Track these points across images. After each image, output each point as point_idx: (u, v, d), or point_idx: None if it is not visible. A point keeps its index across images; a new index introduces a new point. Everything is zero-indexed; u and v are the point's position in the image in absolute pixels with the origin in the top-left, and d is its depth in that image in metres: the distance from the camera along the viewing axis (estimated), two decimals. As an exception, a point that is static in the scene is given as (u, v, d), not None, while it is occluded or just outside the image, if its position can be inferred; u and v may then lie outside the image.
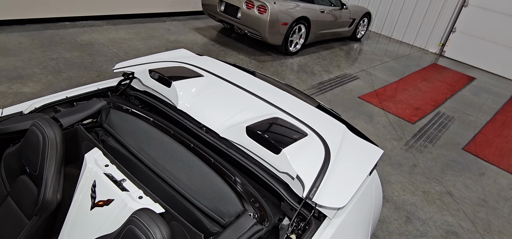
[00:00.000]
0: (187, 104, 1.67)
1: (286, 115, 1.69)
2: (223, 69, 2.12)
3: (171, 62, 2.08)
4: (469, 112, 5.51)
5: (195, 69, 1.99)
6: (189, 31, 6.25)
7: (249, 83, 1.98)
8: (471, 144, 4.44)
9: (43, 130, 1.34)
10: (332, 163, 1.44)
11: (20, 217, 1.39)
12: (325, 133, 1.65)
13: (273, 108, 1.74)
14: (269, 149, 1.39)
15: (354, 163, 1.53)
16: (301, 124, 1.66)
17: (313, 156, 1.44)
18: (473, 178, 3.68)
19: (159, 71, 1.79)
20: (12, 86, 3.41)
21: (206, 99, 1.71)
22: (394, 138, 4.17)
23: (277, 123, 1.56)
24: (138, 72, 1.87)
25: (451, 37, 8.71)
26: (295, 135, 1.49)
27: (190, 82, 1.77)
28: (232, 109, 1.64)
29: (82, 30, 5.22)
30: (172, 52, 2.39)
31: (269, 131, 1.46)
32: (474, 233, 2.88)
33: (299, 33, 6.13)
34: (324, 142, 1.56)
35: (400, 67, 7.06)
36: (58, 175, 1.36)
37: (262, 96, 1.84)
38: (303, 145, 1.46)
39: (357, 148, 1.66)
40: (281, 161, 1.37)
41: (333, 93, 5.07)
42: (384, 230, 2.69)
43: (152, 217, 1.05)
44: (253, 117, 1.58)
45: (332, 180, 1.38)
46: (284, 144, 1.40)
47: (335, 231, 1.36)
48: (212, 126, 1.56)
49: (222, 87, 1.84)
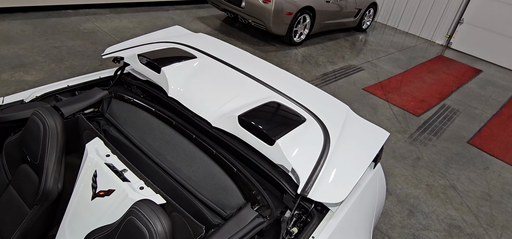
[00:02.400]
0: (179, 91, 1.55)
1: (284, 99, 1.58)
2: (218, 48, 1.98)
3: (163, 43, 1.95)
4: (475, 105, 5.44)
5: (189, 50, 1.87)
6: (192, 20, 6.20)
7: (246, 64, 1.85)
8: (476, 137, 4.40)
9: (44, 118, 1.33)
10: (331, 151, 1.36)
11: (21, 206, 1.39)
12: (326, 116, 1.55)
13: (270, 91, 1.62)
14: (263, 140, 1.30)
15: (356, 149, 1.44)
16: (299, 107, 1.55)
17: (310, 145, 1.35)
18: (478, 172, 3.65)
19: (148, 56, 1.67)
20: (14, 75, 3.41)
21: (198, 84, 1.59)
22: (398, 130, 4.13)
23: (273, 108, 1.46)
24: (128, 57, 1.75)
25: (458, 28, 8.58)
26: (292, 121, 1.40)
27: (182, 66, 1.66)
28: (226, 95, 1.53)
29: (85, 18, 5.19)
30: (166, 30, 2.27)
31: (264, 118, 1.37)
32: (477, 227, 2.86)
33: (304, 23, 6.06)
34: (324, 127, 1.47)
35: (405, 59, 6.97)
36: (59, 164, 1.35)
37: (259, 78, 1.71)
38: (300, 132, 1.37)
39: (361, 131, 1.57)
40: (275, 153, 1.29)
41: (337, 84, 5.03)
42: (386, 223, 2.68)
43: (152, 208, 1.04)
44: (247, 103, 1.48)
45: (330, 172, 1.30)
46: (279, 133, 1.30)
47: (338, 224, 1.35)
48: (204, 115, 1.46)
49: (216, 69, 1.71)
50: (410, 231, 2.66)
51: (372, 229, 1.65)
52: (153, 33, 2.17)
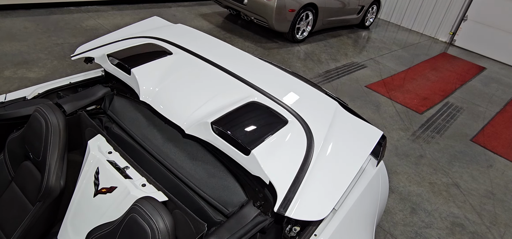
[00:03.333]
0: (150, 95, 1.40)
1: (265, 98, 1.44)
2: (197, 41, 1.82)
3: (139, 38, 1.81)
4: (478, 103, 5.41)
5: (165, 45, 1.73)
6: (194, 17, 6.19)
7: (226, 58, 1.70)
8: (479, 135, 4.37)
9: (46, 115, 1.33)
10: (315, 158, 1.22)
11: (24, 202, 1.39)
12: (310, 115, 1.41)
13: (251, 89, 1.48)
14: (238, 149, 1.16)
15: (344, 152, 1.31)
16: (282, 107, 1.41)
17: (291, 152, 1.21)
18: (481, 170, 3.63)
19: (118, 56, 1.54)
20: (17, 71, 3.41)
21: (173, 84, 1.44)
22: (401, 128, 4.12)
23: (252, 110, 1.32)
24: (98, 57, 1.61)
25: (462, 25, 8.51)
26: (272, 124, 1.27)
27: (155, 64, 1.52)
28: (202, 96, 1.39)
29: (87, 15, 5.19)
30: (144, 23, 2.12)
31: (241, 123, 1.23)
32: (480, 225, 2.85)
33: (307, 20, 6.03)
34: (308, 129, 1.33)
35: (408, 56, 6.94)
36: (61, 161, 1.35)
37: (238, 75, 1.57)
38: (281, 137, 1.24)
39: (350, 131, 1.43)
40: (251, 163, 1.15)
41: (340, 82, 5.01)
42: (389, 221, 2.67)
43: (154, 205, 1.04)
44: (225, 105, 1.34)
45: (313, 183, 1.16)
46: (255, 140, 1.17)
47: (341, 221, 1.34)
48: (177, 120, 1.31)
49: (193, 66, 1.57)
50: (413, 229, 2.65)
51: (374, 226, 1.65)
52: (130, 26, 2.03)
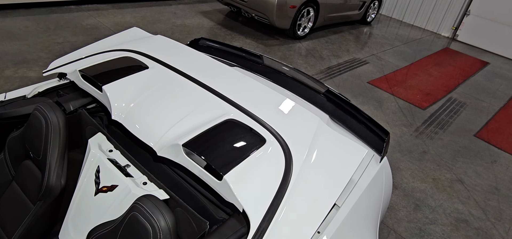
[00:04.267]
0: (123, 112, 1.33)
1: (243, 115, 1.35)
2: (176, 54, 1.73)
3: (115, 51, 1.73)
4: (482, 98, 5.37)
5: (142, 58, 1.64)
6: (195, 15, 6.17)
7: (205, 73, 1.60)
8: (483, 131, 4.34)
9: (46, 114, 1.31)
10: (293, 183, 1.14)
11: (25, 202, 1.38)
12: (291, 134, 1.32)
13: (228, 106, 1.39)
14: (210, 173, 1.09)
15: (325, 175, 1.23)
16: (260, 125, 1.32)
17: (268, 176, 1.12)
18: (485, 165, 3.60)
19: (90, 71, 1.46)
20: (18, 71, 3.41)
21: (146, 102, 1.36)
22: (404, 124, 4.09)
23: (228, 130, 1.24)
24: (70, 73, 1.52)
25: (464, 20, 8.45)
26: (249, 145, 1.18)
27: (129, 80, 1.43)
28: (177, 114, 1.31)
29: (87, 14, 5.18)
30: (122, 34, 2.03)
31: (214, 144, 1.15)
32: (485, 221, 2.83)
33: (308, 17, 6.00)
34: (287, 149, 1.25)
35: (411, 51, 6.89)
36: (62, 160, 1.34)
37: (217, 90, 1.48)
38: (257, 159, 1.15)
39: (333, 150, 1.34)
40: (224, 189, 1.07)
41: (342, 78, 4.98)
42: (392, 218, 2.65)
43: (155, 203, 1.02)
44: (200, 124, 1.27)
45: (289, 210, 1.08)
46: (229, 164, 1.08)
47: (345, 218, 1.32)
48: (149, 141, 1.23)
49: (170, 81, 1.49)
50: (417, 225, 2.63)
51: (378, 223, 1.63)
52: (108, 38, 1.96)
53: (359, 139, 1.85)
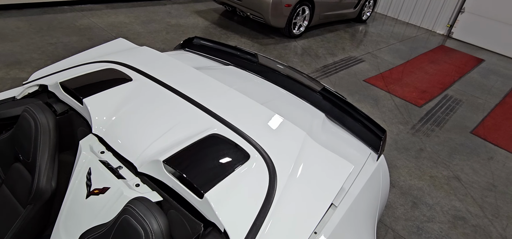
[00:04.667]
0: (104, 125, 1.29)
1: (227, 130, 1.31)
2: (161, 66, 1.67)
3: (99, 63, 1.67)
4: (478, 95, 5.38)
5: (125, 70, 1.58)
6: (190, 14, 6.13)
7: (190, 85, 1.55)
8: (479, 127, 4.35)
9: (35, 115, 1.28)
10: (276, 200, 1.10)
11: (15, 205, 1.35)
12: (276, 149, 1.28)
13: (213, 120, 1.34)
14: (191, 190, 1.04)
15: (310, 192, 1.19)
16: (244, 140, 1.28)
17: (251, 194, 1.08)
18: (482, 162, 3.60)
19: (71, 84, 1.40)
20: (10, 72, 3.35)
21: (128, 116, 1.32)
22: (400, 121, 4.08)
23: (211, 145, 1.19)
24: (51, 85, 1.47)
25: (459, 18, 8.48)
26: (232, 161, 1.14)
27: (111, 93, 1.39)
28: (159, 129, 1.27)
29: (80, 14, 5.12)
30: (107, 45, 1.98)
31: (197, 160, 1.11)
32: (482, 218, 2.82)
33: (303, 15, 5.98)
34: (271, 165, 1.21)
35: (406, 49, 6.90)
36: (52, 162, 1.31)
37: (202, 104, 1.43)
38: (240, 176, 1.11)
39: (318, 165, 1.31)
40: (205, 208, 1.03)
41: (338, 76, 4.97)
42: (390, 216, 2.64)
43: (148, 206, 0.99)
44: (182, 139, 1.23)
45: (273, 229, 1.05)
46: (211, 181, 1.05)
47: (342, 217, 1.30)
48: (130, 157, 1.19)
49: (153, 94, 1.44)
50: (414, 223, 2.62)
51: (376, 222, 1.61)
52: (93, 49, 1.91)
53: (356, 137, 1.83)
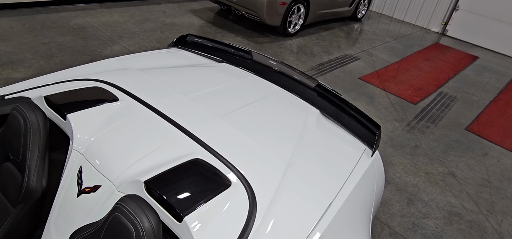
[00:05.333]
0: (84, 145, 1.27)
1: (210, 156, 1.31)
2: (149, 89, 1.64)
3: (86, 81, 1.64)
4: (472, 92, 5.41)
5: (112, 90, 1.56)
6: (185, 13, 6.10)
7: (176, 109, 1.53)
8: (474, 124, 4.37)
9: (24, 113, 1.26)
10: (255, 229, 1.11)
11: (5, 205, 1.33)
12: (257, 179, 1.28)
13: (196, 145, 1.35)
14: (170, 213, 1.04)
15: (287, 223, 1.19)
16: (227, 167, 1.28)
17: (229, 222, 1.09)
18: (476, 158, 3.62)
19: (56, 98, 1.38)
20: (2, 72, 3.31)
21: (110, 135, 1.31)
22: (396, 118, 4.09)
23: (194, 170, 1.19)
24: (35, 98, 1.45)
25: (454, 15, 8.52)
26: (213, 187, 1.14)
27: (96, 111, 1.38)
28: (141, 150, 1.26)
29: (74, 13, 5.08)
30: (98, 64, 1.92)
31: (178, 184, 1.10)
32: (478, 214, 2.83)
33: (298, 14, 5.98)
34: (251, 195, 1.21)
35: (401, 47, 6.92)
36: (42, 161, 1.29)
37: (187, 128, 1.43)
38: (220, 203, 1.11)
39: (298, 196, 1.30)
40: (183, 232, 1.02)
41: (334, 74, 4.97)
42: (386, 213, 2.64)
43: (139, 204, 0.98)
44: (164, 162, 1.23)
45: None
46: (190, 206, 1.04)
47: (335, 215, 1.30)
48: (109, 175, 1.19)
49: (138, 116, 1.43)
50: (410, 219, 2.62)
51: (371, 219, 1.61)
52: (82, 66, 1.87)
53: (350, 133, 1.83)
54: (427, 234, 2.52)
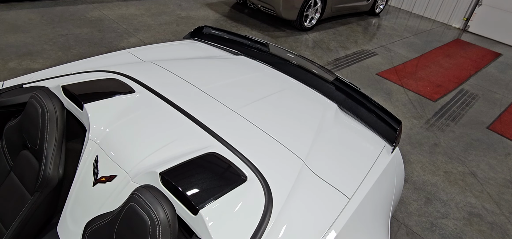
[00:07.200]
0: (101, 134, 1.27)
1: (226, 150, 1.29)
2: (166, 82, 1.64)
3: (103, 72, 1.65)
4: (495, 89, 5.22)
5: (129, 82, 1.56)
6: (200, 7, 6.09)
7: (193, 103, 1.52)
8: (496, 123, 4.21)
9: (42, 102, 1.26)
10: (271, 225, 1.09)
11: (23, 192, 1.34)
12: (273, 174, 1.26)
13: (213, 139, 1.33)
14: (185, 206, 1.02)
15: (306, 217, 1.17)
16: (243, 162, 1.26)
17: (245, 216, 1.07)
18: (499, 158, 3.48)
19: (73, 88, 1.38)
20: (22, 63, 3.38)
21: (126, 126, 1.31)
22: (414, 116, 3.98)
23: (209, 163, 1.18)
24: (53, 87, 1.46)
25: (476, 11, 8.23)
26: (228, 182, 1.12)
27: (112, 102, 1.38)
28: (157, 142, 1.25)
29: (92, 6, 5.14)
30: (113, 55, 1.92)
31: (193, 177, 1.09)
32: (499, 215, 2.73)
33: (315, 8, 5.88)
34: (267, 190, 1.19)
35: (421, 43, 6.73)
36: (59, 149, 1.29)
37: (203, 122, 1.41)
38: (235, 198, 1.09)
39: (314, 194, 1.27)
40: (198, 225, 1.01)
41: (350, 69, 4.87)
42: (403, 211, 2.57)
43: (154, 194, 0.97)
44: (179, 155, 1.21)
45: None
46: (206, 198, 1.03)
47: (354, 211, 1.25)
48: (124, 166, 1.18)
49: (154, 108, 1.42)
50: (428, 219, 2.54)
51: (390, 216, 1.56)
52: (99, 57, 1.89)
53: (370, 128, 1.77)
54: (446, 235, 2.44)
